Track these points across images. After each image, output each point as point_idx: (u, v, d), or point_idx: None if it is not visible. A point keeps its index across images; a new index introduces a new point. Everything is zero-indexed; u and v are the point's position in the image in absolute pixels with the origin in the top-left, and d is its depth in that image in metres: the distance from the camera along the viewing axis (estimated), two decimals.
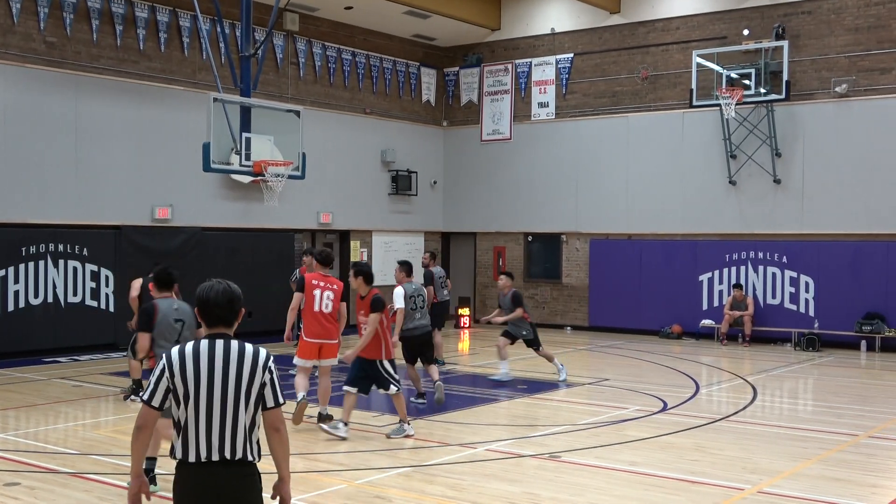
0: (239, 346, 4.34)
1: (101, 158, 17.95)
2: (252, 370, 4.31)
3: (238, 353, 4.31)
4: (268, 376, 4.33)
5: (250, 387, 4.29)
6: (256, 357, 4.34)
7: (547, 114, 23.97)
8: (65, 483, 8.39)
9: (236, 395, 4.27)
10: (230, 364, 4.28)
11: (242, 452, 4.30)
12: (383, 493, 8.07)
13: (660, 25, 22.25)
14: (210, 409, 4.26)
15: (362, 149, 23.38)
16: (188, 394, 4.26)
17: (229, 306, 4.39)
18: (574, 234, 23.46)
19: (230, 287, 4.43)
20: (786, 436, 10.78)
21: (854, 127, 19.60)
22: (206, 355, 4.28)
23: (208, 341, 4.33)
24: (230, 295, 4.40)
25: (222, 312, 4.38)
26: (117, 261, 18.06)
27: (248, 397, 4.29)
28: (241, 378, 4.28)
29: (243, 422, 4.28)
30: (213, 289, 4.39)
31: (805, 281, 20.03)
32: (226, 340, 4.35)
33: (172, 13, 19.15)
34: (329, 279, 11.19)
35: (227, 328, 4.41)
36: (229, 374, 4.27)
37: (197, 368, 4.26)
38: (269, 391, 4.34)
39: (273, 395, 4.35)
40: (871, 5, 19.51)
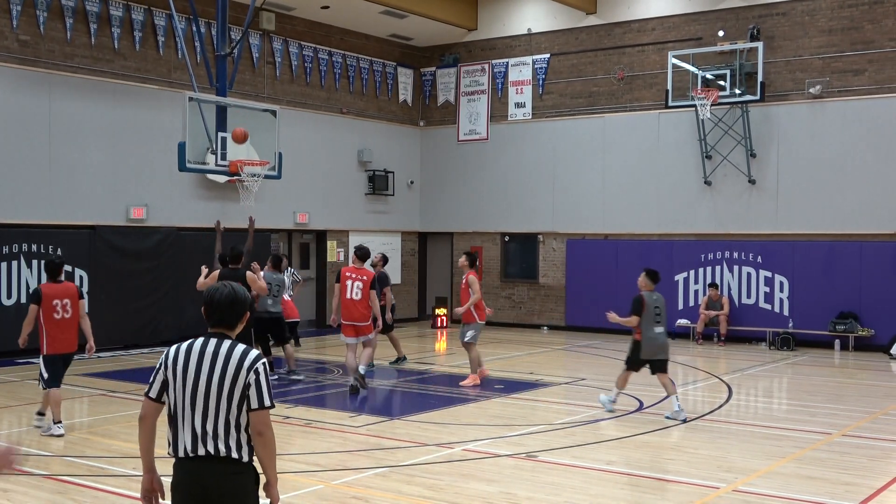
0: (229, 346, 4.44)
1: (75, 158, 17.81)
2: (236, 370, 4.38)
3: (226, 353, 4.41)
4: (252, 377, 4.37)
5: (233, 386, 4.36)
6: (243, 358, 4.40)
7: (524, 114, 24.01)
8: (38, 485, 8.32)
9: (218, 393, 4.34)
10: (217, 362, 4.39)
11: (226, 450, 4.36)
12: (360, 494, 8.05)
13: (636, 26, 22.34)
14: (193, 404, 4.37)
15: (339, 149, 23.33)
16: (175, 387, 4.42)
17: (231, 309, 4.52)
18: (551, 234, 23.52)
19: (235, 291, 4.56)
20: (760, 434, 10.85)
21: (828, 128, 19.77)
22: (198, 352, 4.43)
23: (203, 339, 4.49)
24: (233, 298, 4.53)
25: (224, 314, 4.52)
26: (92, 261, 17.92)
27: (231, 396, 4.36)
28: (225, 376, 4.36)
29: (226, 420, 4.35)
30: (219, 291, 4.54)
31: (779, 280, 20.17)
32: (219, 339, 4.48)
33: (147, 12, 19.02)
34: (361, 271, 13.16)
35: (227, 329, 4.54)
36: (214, 371, 4.37)
37: (186, 363, 4.42)
38: (254, 392, 4.37)
39: (258, 397, 4.38)
40: (845, 7, 19.68)
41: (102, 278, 18.01)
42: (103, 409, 12.24)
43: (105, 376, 14.90)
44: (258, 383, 4.38)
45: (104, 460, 9.26)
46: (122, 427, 10.91)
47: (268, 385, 4.43)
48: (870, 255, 19.19)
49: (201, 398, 4.37)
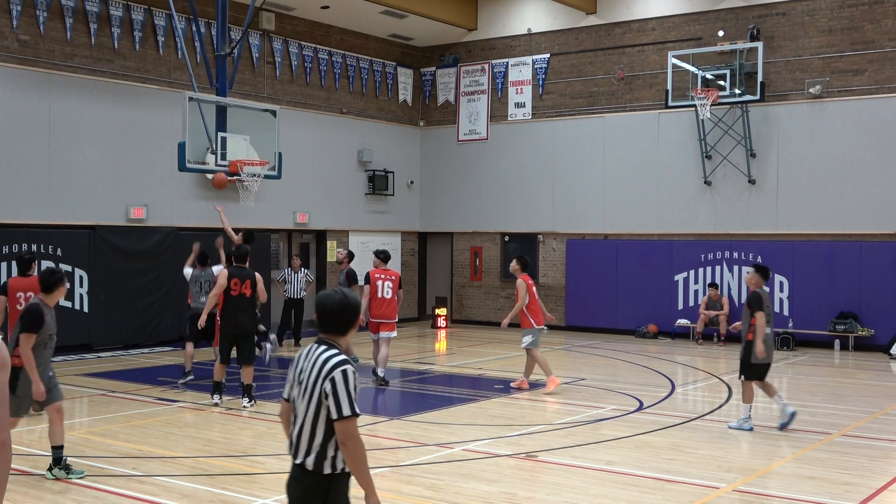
0: (320, 353, 4.44)
1: (75, 158, 17.81)
2: (316, 378, 4.38)
3: (315, 358, 4.44)
4: (328, 386, 4.33)
5: (312, 394, 4.38)
6: (323, 365, 4.39)
7: (523, 114, 24.01)
8: (38, 485, 8.32)
9: (307, 402, 4.40)
10: (305, 369, 4.45)
11: (303, 458, 4.39)
12: (360, 494, 8.03)
13: (636, 26, 22.35)
14: (296, 409, 4.48)
15: (339, 149, 23.33)
16: (290, 392, 4.58)
17: (341, 315, 4.50)
18: (550, 234, 23.52)
19: (346, 297, 4.54)
20: (760, 434, 10.84)
21: (828, 128, 19.77)
22: (304, 357, 4.52)
23: (314, 345, 4.54)
24: (344, 304, 4.51)
25: (334, 320, 4.51)
26: (91, 261, 17.92)
27: (309, 404, 4.39)
28: (308, 385, 4.40)
29: (311, 429, 4.38)
30: (330, 297, 4.52)
31: (779, 280, 20.16)
32: (319, 345, 4.50)
33: (147, 12, 19.03)
34: (388, 271, 14.15)
35: (336, 336, 4.53)
36: (306, 379, 4.43)
37: (296, 368, 4.55)
38: (332, 402, 4.32)
39: (335, 407, 4.31)
40: (845, 7, 19.69)
41: (102, 278, 18.01)
42: (103, 409, 12.24)
43: (105, 376, 14.89)
44: (335, 392, 4.32)
45: (104, 460, 9.26)
46: (122, 427, 10.91)
47: (347, 393, 4.32)
48: (870, 255, 19.19)
49: (295, 405, 4.48)
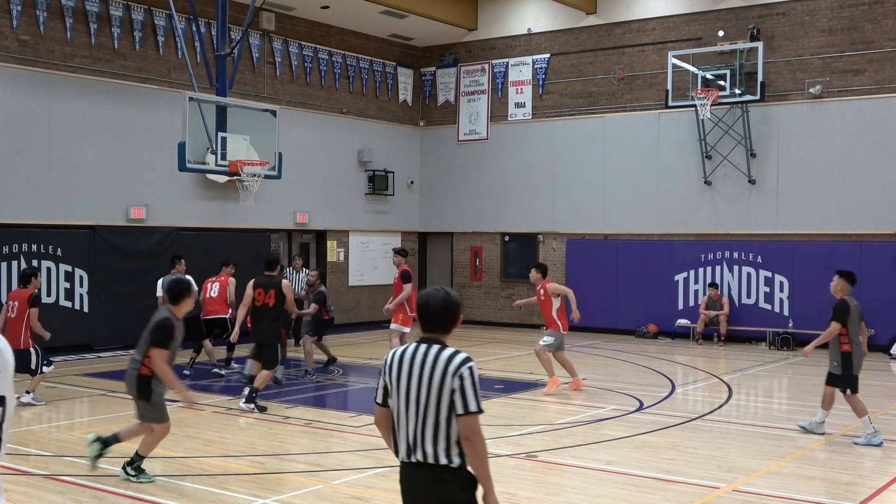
0: (438, 350, 4.44)
1: (75, 158, 17.80)
2: (443, 374, 4.37)
3: (434, 357, 4.41)
4: (457, 382, 4.34)
5: (440, 391, 4.35)
6: (449, 362, 4.38)
7: (523, 114, 24.01)
8: (39, 485, 8.32)
9: (427, 398, 4.38)
10: (425, 367, 4.41)
11: (434, 456, 4.36)
12: (360, 494, 8.06)
13: (636, 26, 22.35)
14: (407, 410, 4.44)
15: (339, 148, 23.33)
16: (396, 394, 4.49)
17: (446, 313, 4.51)
18: (551, 234, 23.52)
19: (449, 295, 4.55)
20: (760, 434, 10.85)
21: (828, 128, 19.77)
22: (410, 358, 4.46)
23: (416, 344, 4.51)
24: (448, 302, 4.52)
25: (439, 318, 4.50)
26: (91, 261, 17.92)
27: (439, 402, 4.36)
28: (432, 382, 4.37)
29: (436, 426, 4.36)
30: (433, 296, 4.53)
31: (779, 280, 20.16)
32: (430, 344, 4.48)
33: (147, 12, 19.02)
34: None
35: (442, 334, 4.52)
36: (423, 377, 4.40)
37: (400, 369, 4.48)
38: (459, 397, 4.34)
39: (462, 402, 4.33)
40: (845, 7, 19.68)
41: (102, 278, 18.00)
42: (103, 408, 12.24)
43: (105, 376, 14.89)
44: (463, 388, 4.34)
45: (104, 460, 9.24)
46: (122, 427, 10.89)
47: (474, 389, 4.36)
48: (870, 255, 19.18)
49: (413, 404, 4.41)
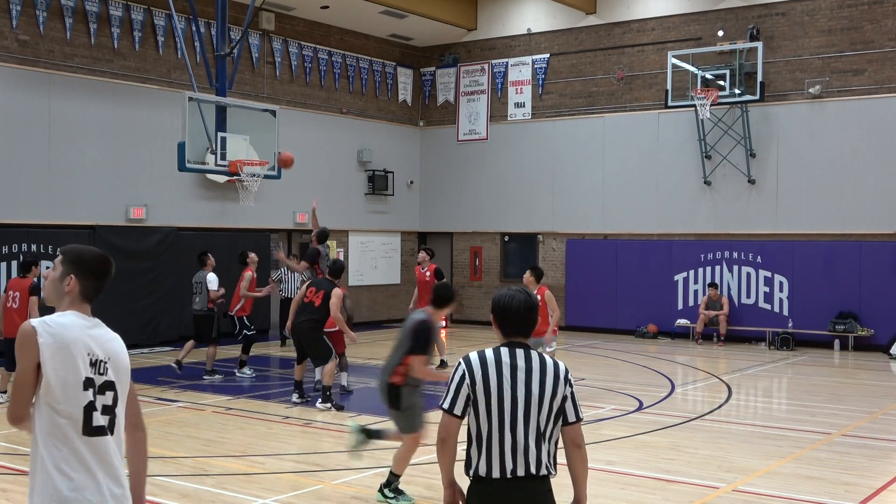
0: (539, 357, 4.21)
1: (74, 158, 17.80)
2: (554, 382, 4.15)
3: (539, 364, 4.17)
4: (568, 389, 4.18)
5: (552, 400, 4.13)
6: (557, 369, 4.20)
7: (523, 114, 24.01)
8: None
9: (539, 408, 4.11)
10: (532, 375, 4.14)
11: (538, 467, 4.10)
12: (360, 494, 8.05)
13: (635, 26, 22.35)
14: (514, 421, 4.09)
15: (338, 149, 23.33)
16: (489, 404, 4.11)
17: (528, 316, 4.26)
18: (550, 234, 23.52)
19: (530, 297, 4.30)
20: (760, 434, 10.85)
21: (827, 128, 19.77)
22: (508, 364, 4.14)
23: (508, 349, 4.20)
24: (531, 304, 4.27)
25: (522, 322, 4.25)
26: None
27: (550, 410, 4.13)
28: (544, 390, 4.12)
29: (540, 435, 4.12)
30: (514, 298, 4.26)
31: (779, 280, 20.17)
32: (525, 350, 4.21)
33: (147, 11, 19.02)
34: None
35: (524, 337, 4.27)
36: (532, 385, 4.12)
37: (500, 377, 4.13)
38: (570, 405, 4.17)
39: (574, 409, 4.19)
40: (845, 7, 19.69)
41: None
42: None
43: None
44: (573, 395, 4.19)
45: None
46: None
47: (574, 394, 4.22)
48: (869, 255, 19.19)
49: (522, 415, 4.09)
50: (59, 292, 3.77)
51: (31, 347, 3.56)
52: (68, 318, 3.70)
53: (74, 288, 3.76)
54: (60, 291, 3.77)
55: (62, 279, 3.77)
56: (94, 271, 3.82)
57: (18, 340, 3.59)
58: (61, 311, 3.74)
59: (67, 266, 3.78)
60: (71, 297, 3.77)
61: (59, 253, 3.85)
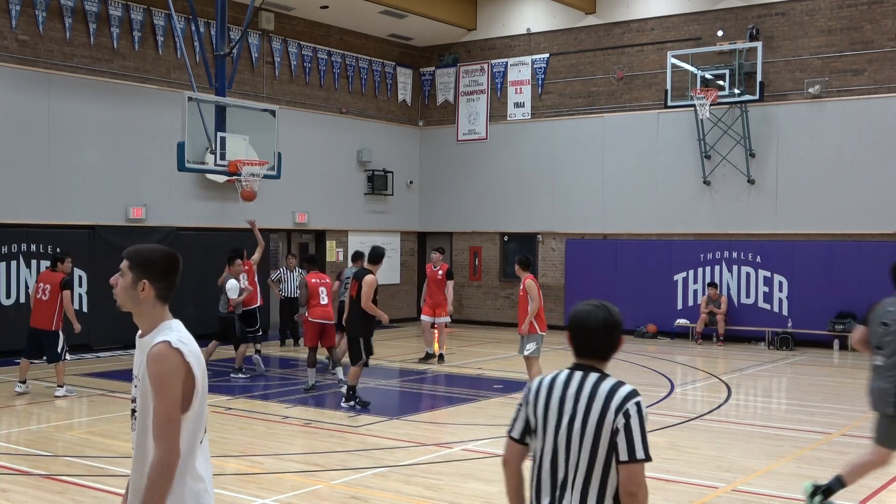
0: (596, 381, 3.63)
1: (74, 158, 17.80)
2: (601, 411, 3.55)
3: (591, 389, 3.61)
4: (621, 421, 3.52)
5: (598, 432, 3.54)
6: (611, 396, 3.57)
7: (523, 114, 24.01)
8: (38, 485, 8.31)
9: (580, 441, 3.57)
10: (580, 401, 3.60)
11: None
12: (359, 494, 8.06)
13: (635, 26, 22.35)
14: (554, 452, 3.63)
15: (338, 148, 23.33)
16: (538, 432, 3.70)
17: (608, 336, 3.73)
18: (550, 234, 23.52)
19: (611, 313, 3.74)
20: (760, 434, 10.85)
21: (827, 128, 19.77)
22: (561, 388, 3.66)
23: (568, 372, 3.71)
24: (610, 322, 3.73)
25: (598, 343, 3.72)
26: (91, 261, 17.91)
27: (596, 445, 3.54)
28: (588, 420, 3.56)
29: (588, 474, 3.55)
30: (591, 315, 3.72)
31: (778, 280, 20.17)
32: (585, 373, 3.68)
33: (146, 11, 19.02)
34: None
35: (599, 361, 3.73)
36: (577, 413, 3.59)
37: (547, 402, 3.67)
38: (622, 440, 3.51)
39: (627, 447, 3.50)
40: (844, 7, 19.69)
41: (101, 278, 17.93)
42: (103, 408, 12.24)
43: (104, 376, 14.90)
44: (628, 429, 3.50)
45: (104, 460, 9.26)
46: (122, 427, 10.90)
47: (642, 431, 3.52)
48: (869, 255, 19.18)
49: (563, 446, 3.60)
50: (135, 299, 3.65)
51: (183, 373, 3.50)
52: (180, 326, 3.65)
53: (150, 292, 3.64)
54: (136, 298, 3.65)
55: (135, 285, 3.64)
56: (164, 271, 3.69)
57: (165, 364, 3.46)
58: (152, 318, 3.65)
59: (137, 271, 3.65)
60: (150, 302, 3.65)
61: (125, 258, 3.71)
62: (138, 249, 3.72)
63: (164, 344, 3.51)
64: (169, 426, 3.44)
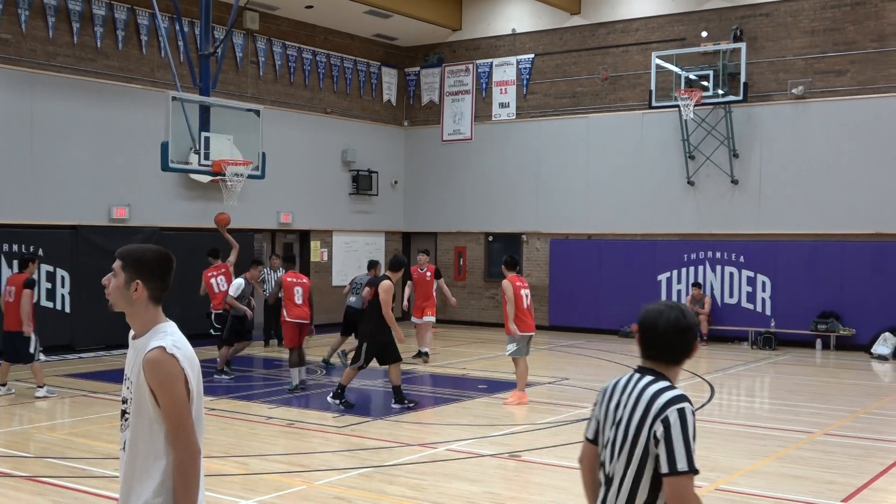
0: (644, 385, 3.42)
1: (57, 157, 17.70)
2: (641, 418, 3.34)
3: (638, 393, 3.41)
4: (659, 429, 3.27)
5: (635, 439, 3.35)
6: (652, 402, 3.34)
7: (508, 114, 24.03)
8: (18, 487, 8.26)
9: (621, 446, 3.40)
10: (627, 405, 3.42)
11: None
12: (343, 494, 8.04)
13: (620, 27, 22.40)
14: (604, 455, 3.51)
15: (323, 148, 23.29)
16: (600, 430, 3.59)
17: (676, 339, 3.46)
18: (534, 234, 23.54)
19: (684, 315, 3.47)
20: (743, 434, 10.88)
21: (810, 128, 19.86)
22: (620, 391, 3.50)
23: (630, 374, 3.54)
24: (681, 325, 3.45)
25: (664, 345, 3.47)
26: (74, 261, 17.82)
27: (632, 453, 3.35)
28: (630, 426, 3.38)
29: (634, 484, 3.36)
30: (662, 314, 3.46)
31: (762, 280, 20.25)
32: (642, 375, 3.47)
33: (130, 11, 18.93)
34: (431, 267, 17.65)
35: (664, 364, 3.48)
36: (623, 417, 3.42)
37: (608, 404, 3.53)
38: (662, 450, 3.26)
39: (667, 457, 3.24)
40: (828, 8, 19.79)
41: (84, 278, 17.87)
42: (84, 409, 12.18)
43: (86, 377, 14.82)
44: (668, 438, 3.25)
45: (85, 461, 9.20)
46: (104, 428, 10.85)
47: (685, 440, 3.26)
48: (851, 255, 19.30)
49: (608, 451, 3.46)
50: (128, 299, 3.62)
51: (180, 375, 3.48)
52: (174, 329, 3.63)
53: (143, 293, 3.61)
54: (129, 298, 3.61)
55: (128, 285, 3.61)
56: (158, 271, 3.67)
57: (163, 370, 3.45)
58: (145, 319, 3.62)
59: (130, 271, 3.62)
60: (143, 303, 3.62)
61: (118, 257, 3.67)
62: (131, 249, 3.68)
63: (158, 350, 3.48)
64: (182, 427, 3.45)
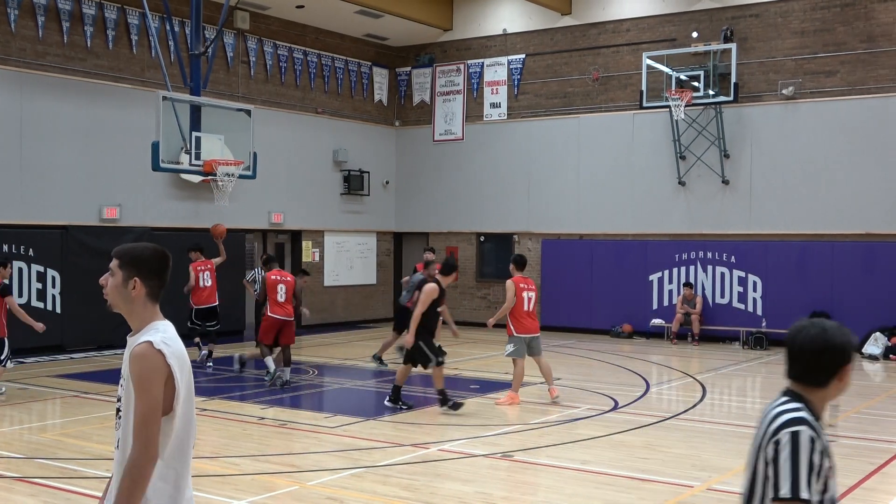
0: (774, 405, 3.25)
1: (47, 157, 17.64)
2: (760, 439, 3.20)
3: (766, 413, 3.26)
4: (770, 451, 3.10)
5: (755, 461, 3.20)
6: (771, 423, 3.18)
7: (499, 114, 24.04)
8: (9, 487, 8.23)
9: (747, 468, 3.28)
10: (758, 426, 3.29)
11: None
12: (335, 495, 8.03)
13: (611, 27, 22.43)
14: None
15: (314, 148, 23.27)
16: None
17: (817, 357, 3.18)
18: (526, 234, 23.56)
19: (826, 332, 3.19)
20: (734, 433, 10.91)
21: (800, 129, 19.92)
22: (764, 412, 3.33)
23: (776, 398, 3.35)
24: (823, 344, 3.17)
25: (800, 365, 3.22)
26: (64, 261, 17.76)
27: (754, 476, 3.20)
28: (753, 447, 3.25)
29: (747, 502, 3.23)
30: (803, 330, 3.23)
31: (753, 280, 20.30)
32: (781, 396, 3.27)
33: (120, 10, 18.88)
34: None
35: (803, 386, 3.23)
36: (754, 438, 3.28)
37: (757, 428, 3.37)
38: (771, 473, 3.09)
39: (773, 482, 3.07)
40: (818, 9, 19.85)
41: (74, 278, 17.83)
42: (76, 410, 12.14)
43: (77, 377, 14.77)
44: (776, 461, 3.08)
45: (77, 462, 9.18)
46: (95, 428, 10.83)
47: (792, 465, 3.04)
48: (841, 255, 19.36)
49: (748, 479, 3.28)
50: (126, 298, 3.61)
51: (165, 374, 3.45)
52: (168, 327, 3.61)
53: (141, 291, 3.60)
54: (127, 297, 3.61)
55: (126, 284, 3.60)
56: (155, 269, 3.64)
57: (145, 365, 3.43)
58: (143, 317, 3.61)
59: (127, 269, 3.60)
60: (140, 301, 3.62)
61: (114, 256, 3.65)
62: (128, 248, 3.66)
63: (146, 344, 3.48)
64: (146, 427, 3.39)
